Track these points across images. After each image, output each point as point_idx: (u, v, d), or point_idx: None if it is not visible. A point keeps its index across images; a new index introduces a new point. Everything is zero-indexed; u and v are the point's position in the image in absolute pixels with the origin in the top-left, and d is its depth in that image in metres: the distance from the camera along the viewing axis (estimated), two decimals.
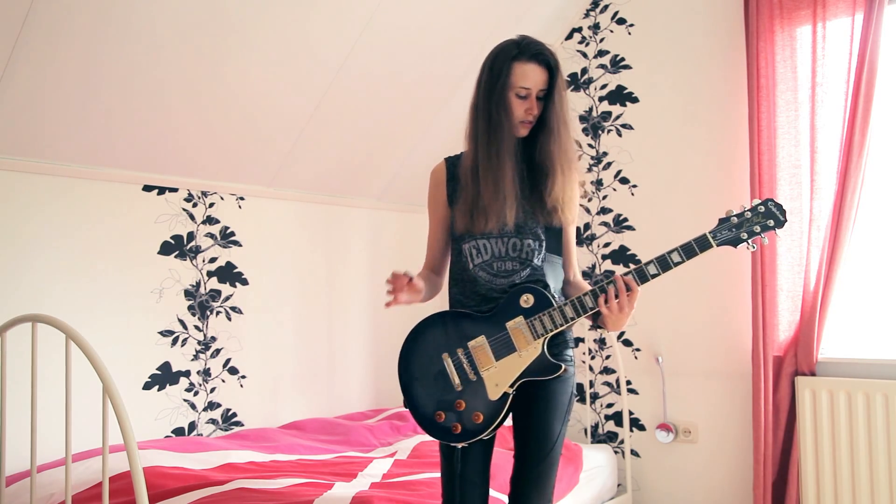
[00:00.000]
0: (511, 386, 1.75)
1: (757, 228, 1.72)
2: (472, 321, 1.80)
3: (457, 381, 1.77)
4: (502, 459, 2.08)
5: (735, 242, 1.73)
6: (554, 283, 1.87)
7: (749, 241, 1.73)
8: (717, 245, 1.73)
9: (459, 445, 1.78)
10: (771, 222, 1.72)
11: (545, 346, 1.76)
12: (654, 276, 1.73)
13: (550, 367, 1.76)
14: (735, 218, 1.74)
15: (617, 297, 1.72)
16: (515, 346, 1.76)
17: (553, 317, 1.75)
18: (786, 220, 1.72)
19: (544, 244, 1.85)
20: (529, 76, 1.79)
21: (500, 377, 1.75)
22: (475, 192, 1.80)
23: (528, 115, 1.81)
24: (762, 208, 1.73)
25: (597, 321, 1.81)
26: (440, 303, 2.02)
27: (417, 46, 3.01)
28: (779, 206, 1.73)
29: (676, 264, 1.72)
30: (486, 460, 1.85)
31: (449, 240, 1.93)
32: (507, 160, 1.79)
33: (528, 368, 1.75)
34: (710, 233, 1.74)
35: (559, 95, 1.82)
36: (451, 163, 1.93)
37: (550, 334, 1.75)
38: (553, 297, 1.79)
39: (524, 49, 1.80)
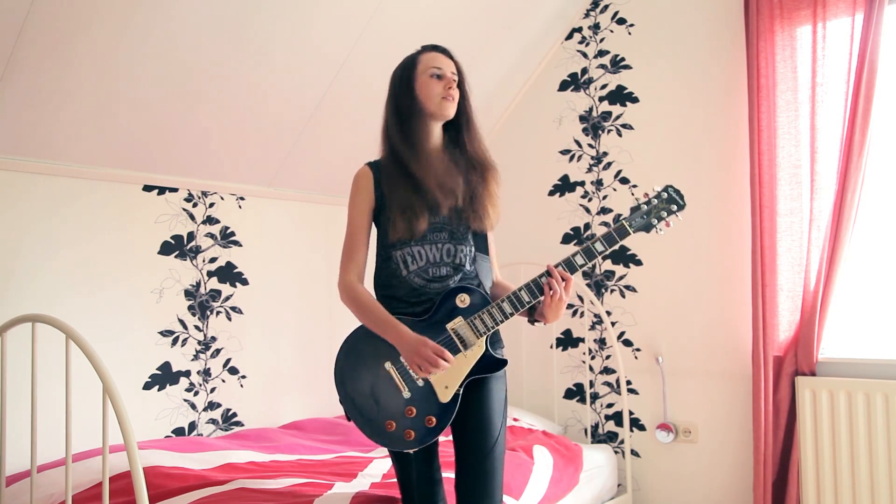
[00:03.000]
0: (460, 386, 1.76)
1: (664, 214, 1.86)
2: (411, 327, 1.78)
3: (405, 388, 1.77)
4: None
5: (647, 228, 1.86)
6: (486, 282, 1.91)
7: (658, 226, 1.86)
8: (633, 231, 1.84)
9: (412, 451, 1.78)
10: (674, 207, 1.87)
11: (487, 343, 1.79)
12: (581, 266, 1.81)
13: (496, 363, 1.80)
14: (644, 205, 1.87)
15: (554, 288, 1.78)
16: (459, 346, 1.77)
17: (493, 314, 1.78)
18: (685, 204, 1.86)
19: (473, 248, 1.89)
20: (438, 59, 1.88)
21: (448, 379, 1.76)
22: (400, 188, 1.82)
23: (448, 91, 1.84)
24: (665, 194, 1.87)
25: (533, 316, 1.85)
26: None
27: (418, 46, 3.00)
28: (678, 192, 1.88)
29: (600, 253, 1.82)
30: (435, 453, 1.87)
31: (369, 245, 1.92)
32: (424, 144, 1.84)
33: (475, 367, 1.78)
34: (625, 220, 1.85)
35: (466, 89, 1.90)
36: (376, 167, 1.92)
37: (492, 331, 1.79)
38: (487, 294, 1.84)
39: (425, 47, 1.92)
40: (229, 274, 3.00)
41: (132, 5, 2.23)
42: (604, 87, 3.51)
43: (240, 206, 3.06)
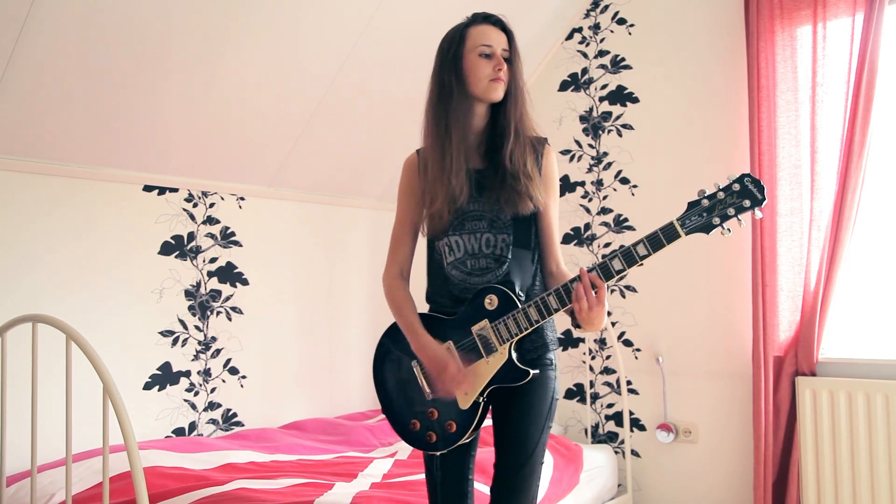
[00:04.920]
0: (481, 394, 1.65)
1: (731, 211, 1.51)
2: (439, 325, 1.71)
3: (427, 389, 1.70)
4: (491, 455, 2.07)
5: (707, 229, 1.53)
6: (521, 280, 1.71)
7: (722, 224, 1.52)
8: (686, 234, 1.53)
9: (437, 454, 1.72)
10: (747, 202, 1.51)
11: (512, 351, 1.64)
12: (619, 272, 1.57)
13: (519, 373, 1.64)
14: (706, 200, 1.53)
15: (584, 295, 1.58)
16: (482, 351, 1.65)
17: (518, 320, 1.63)
18: (764, 199, 1.50)
19: (513, 237, 1.72)
20: (488, 34, 1.72)
21: (468, 385, 1.66)
22: (429, 176, 1.71)
23: (497, 72, 1.70)
24: (737, 186, 1.51)
25: (576, 320, 1.65)
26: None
27: (417, 46, 3.00)
28: (756, 183, 1.50)
29: (642, 258, 1.55)
30: (467, 463, 1.77)
31: (417, 238, 1.82)
32: (462, 126, 1.70)
33: (496, 375, 1.64)
34: (677, 220, 1.54)
35: (518, 61, 1.74)
36: (424, 154, 1.80)
37: (517, 338, 1.64)
38: (518, 298, 1.66)
39: (475, 17, 1.76)
40: (229, 274, 3.00)
41: (132, 7, 2.23)
42: (604, 87, 3.51)
43: (240, 206, 3.06)
